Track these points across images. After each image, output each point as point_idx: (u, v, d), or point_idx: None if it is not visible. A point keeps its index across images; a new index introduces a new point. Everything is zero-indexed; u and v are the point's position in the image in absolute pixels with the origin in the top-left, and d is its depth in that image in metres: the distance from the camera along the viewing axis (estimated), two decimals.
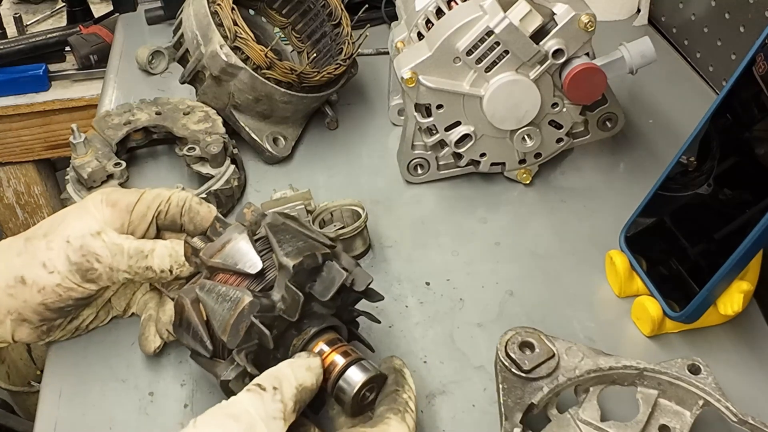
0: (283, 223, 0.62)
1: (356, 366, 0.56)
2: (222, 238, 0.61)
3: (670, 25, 1.12)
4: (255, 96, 0.89)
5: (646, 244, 0.71)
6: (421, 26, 0.83)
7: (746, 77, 0.64)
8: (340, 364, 0.56)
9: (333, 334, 0.59)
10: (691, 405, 0.58)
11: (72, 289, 0.64)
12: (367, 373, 0.56)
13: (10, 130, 1.65)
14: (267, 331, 0.55)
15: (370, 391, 0.56)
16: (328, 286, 0.58)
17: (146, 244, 0.65)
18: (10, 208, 1.76)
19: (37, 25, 1.82)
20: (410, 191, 0.88)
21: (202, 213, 0.69)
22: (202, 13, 0.88)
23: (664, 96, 1.00)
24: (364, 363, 0.56)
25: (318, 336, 0.58)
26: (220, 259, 0.59)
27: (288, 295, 0.56)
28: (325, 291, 0.58)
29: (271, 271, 0.59)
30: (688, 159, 0.68)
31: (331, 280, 0.58)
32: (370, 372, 0.56)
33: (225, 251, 0.60)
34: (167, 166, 0.94)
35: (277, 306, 0.56)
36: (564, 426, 0.57)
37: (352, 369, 0.56)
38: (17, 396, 1.65)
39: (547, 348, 0.60)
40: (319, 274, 0.58)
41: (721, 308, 0.65)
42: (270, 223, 0.61)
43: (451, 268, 0.78)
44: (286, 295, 0.56)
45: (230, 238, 0.60)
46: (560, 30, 0.77)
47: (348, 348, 0.58)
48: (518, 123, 0.81)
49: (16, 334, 0.65)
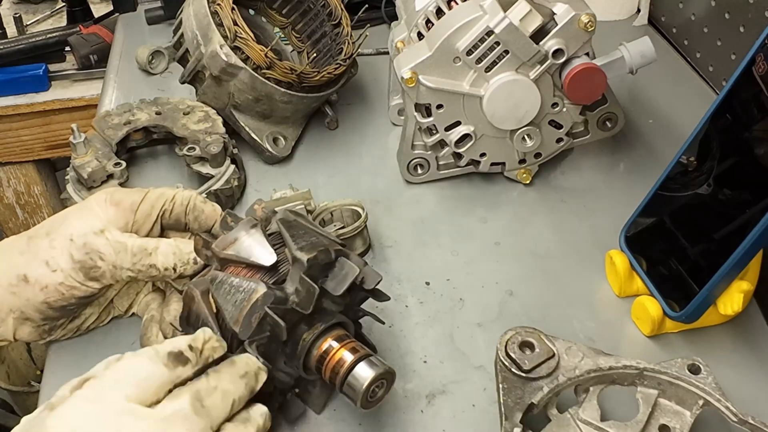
0: (294, 219, 0.62)
1: (365, 362, 0.56)
2: (233, 233, 0.61)
3: (669, 25, 1.12)
4: (255, 96, 0.89)
5: (646, 243, 0.72)
6: (421, 26, 0.83)
7: (746, 77, 0.64)
8: (348, 361, 0.56)
9: (342, 330, 0.59)
10: (691, 405, 0.58)
11: (75, 288, 0.64)
12: (375, 369, 0.56)
13: (10, 130, 1.65)
14: (282, 321, 0.55)
15: (379, 387, 0.56)
16: (340, 281, 0.58)
17: (150, 242, 0.65)
18: (10, 208, 1.76)
19: (37, 25, 1.82)
20: (410, 191, 0.88)
21: (206, 211, 0.69)
22: (202, 13, 0.88)
23: (664, 96, 1.00)
24: (373, 359, 0.57)
25: (327, 332, 0.58)
26: (232, 251, 0.60)
27: (302, 288, 0.56)
28: (338, 286, 0.58)
29: (285, 265, 0.59)
30: (688, 159, 0.68)
31: (344, 276, 0.58)
32: (379, 368, 0.56)
33: (237, 245, 0.60)
34: (167, 166, 0.94)
35: (290, 299, 0.57)
36: (564, 426, 0.58)
37: (361, 365, 0.56)
38: (17, 396, 1.65)
39: (547, 348, 0.60)
40: (331, 269, 0.59)
41: (721, 308, 0.65)
42: (282, 219, 0.62)
43: (451, 267, 0.78)
44: (300, 288, 0.56)
45: (242, 232, 0.61)
46: (560, 30, 0.77)
47: (356, 344, 0.58)
48: (518, 123, 0.81)
49: (17, 333, 0.65)
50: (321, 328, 0.58)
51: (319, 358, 0.57)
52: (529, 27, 0.76)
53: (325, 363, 0.57)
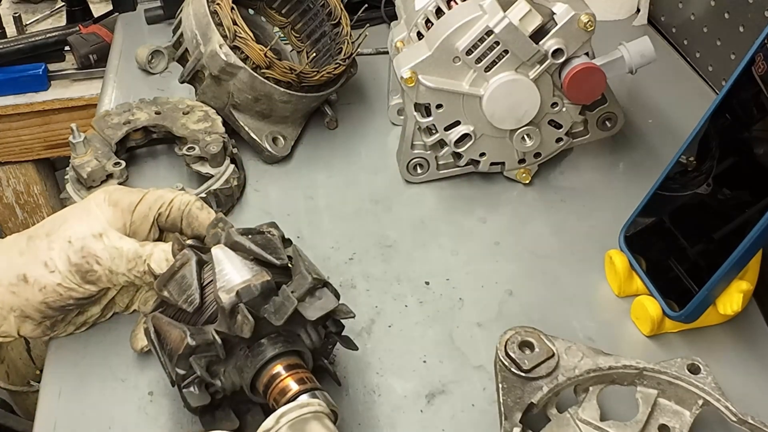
0: (234, 243, 0.61)
1: (308, 395, 0.55)
2: (176, 263, 0.61)
3: (669, 25, 1.12)
4: (254, 95, 0.89)
5: (646, 243, 0.72)
6: (421, 26, 0.83)
7: (746, 77, 0.64)
8: (292, 390, 0.55)
9: (295, 359, 0.58)
10: (690, 404, 0.58)
11: (72, 290, 0.64)
12: None
13: (10, 130, 1.65)
14: (207, 374, 0.56)
15: None
16: (317, 308, 0.57)
17: (145, 248, 0.65)
18: (10, 208, 1.76)
19: (36, 25, 1.81)
20: (410, 191, 0.88)
21: (200, 218, 0.69)
22: (201, 13, 0.88)
23: (664, 96, 1.00)
24: (317, 393, 0.55)
25: (278, 358, 0.57)
26: (167, 291, 0.60)
27: (241, 318, 0.56)
28: (314, 313, 0.57)
29: (213, 306, 0.59)
30: (687, 159, 0.68)
31: (321, 305, 0.58)
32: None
33: (175, 279, 0.60)
34: (167, 165, 0.94)
35: (216, 341, 0.56)
36: (563, 425, 0.58)
37: (303, 397, 0.55)
38: (17, 395, 1.65)
39: (547, 347, 0.60)
40: (271, 297, 0.57)
41: (721, 308, 0.65)
42: (217, 249, 0.61)
43: (450, 267, 0.78)
44: (239, 318, 0.56)
45: (182, 263, 0.60)
46: (560, 29, 0.77)
47: (305, 375, 0.57)
48: (518, 123, 0.81)
49: (21, 330, 0.66)
50: (275, 351, 0.57)
51: (267, 382, 0.57)
52: (528, 27, 0.76)
53: (271, 388, 0.56)
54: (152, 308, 0.62)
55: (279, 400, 0.56)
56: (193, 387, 0.57)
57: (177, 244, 0.63)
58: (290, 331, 0.59)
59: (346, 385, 0.66)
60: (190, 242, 0.64)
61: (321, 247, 0.80)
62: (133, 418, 0.65)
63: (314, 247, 0.78)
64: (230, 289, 0.56)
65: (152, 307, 0.62)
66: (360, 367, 0.68)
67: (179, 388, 0.58)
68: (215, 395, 0.58)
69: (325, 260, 0.78)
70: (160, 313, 0.60)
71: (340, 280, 0.76)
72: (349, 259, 0.79)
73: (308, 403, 0.53)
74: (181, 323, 0.58)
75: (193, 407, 0.57)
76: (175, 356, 0.57)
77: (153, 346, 0.59)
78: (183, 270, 0.60)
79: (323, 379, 0.60)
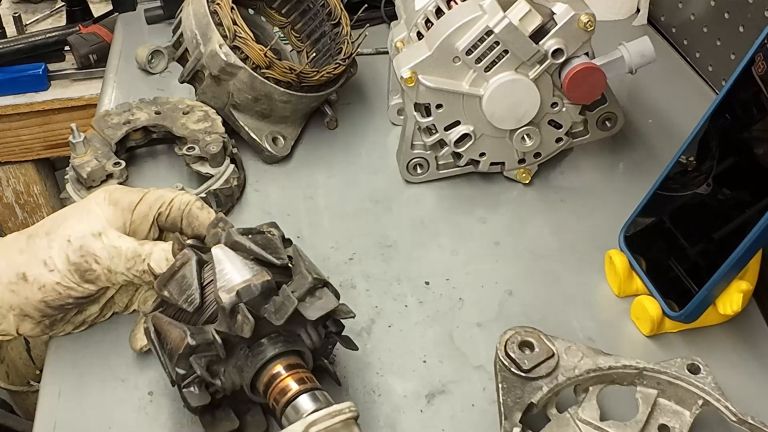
0: (234, 242, 0.61)
1: (308, 395, 0.55)
2: (176, 262, 0.60)
3: (669, 25, 1.12)
4: (254, 95, 0.89)
5: (646, 243, 0.72)
6: (421, 26, 0.83)
7: (745, 77, 0.64)
8: (292, 390, 0.55)
9: (295, 358, 0.58)
10: (690, 404, 0.58)
11: (71, 289, 0.64)
12: (317, 403, 0.54)
13: (10, 130, 1.65)
14: (207, 374, 0.56)
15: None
16: (317, 308, 0.57)
17: (144, 247, 0.65)
18: (10, 208, 1.76)
19: (36, 25, 1.81)
20: (410, 191, 0.88)
21: (201, 218, 0.69)
22: (201, 13, 0.88)
23: (664, 96, 1.00)
24: (318, 394, 0.55)
25: (278, 358, 0.57)
26: (167, 291, 0.59)
27: (241, 318, 0.56)
28: (314, 313, 0.57)
29: (213, 306, 0.59)
30: (687, 159, 0.68)
31: (321, 305, 0.58)
32: (321, 404, 0.54)
33: (175, 279, 0.60)
34: (167, 165, 0.94)
35: (216, 340, 0.56)
36: (563, 425, 0.58)
37: (303, 397, 0.55)
38: (16, 395, 1.65)
39: (547, 347, 0.60)
40: (271, 297, 0.57)
41: (721, 308, 0.65)
42: (217, 249, 0.61)
43: (450, 267, 0.78)
44: (239, 318, 0.56)
45: (182, 263, 0.60)
46: (560, 29, 0.77)
47: (305, 375, 0.57)
48: (518, 122, 0.81)
49: (20, 328, 0.66)
50: (275, 351, 0.57)
51: (267, 382, 0.57)
52: (528, 27, 0.76)
53: (271, 388, 0.56)
54: (152, 308, 0.62)
55: (279, 399, 0.56)
56: (193, 387, 0.57)
57: (177, 243, 0.63)
58: (290, 331, 0.59)
59: (346, 385, 0.66)
60: (190, 242, 0.64)
61: (321, 247, 0.80)
62: (133, 418, 0.65)
63: (314, 247, 0.78)
64: (230, 288, 0.56)
65: (152, 307, 0.62)
66: (360, 367, 0.68)
67: (179, 388, 0.58)
68: (215, 395, 0.58)
69: (325, 260, 0.78)
70: (160, 312, 0.60)
71: (340, 280, 0.76)
72: (349, 259, 0.79)
73: (339, 411, 0.52)
74: (181, 323, 0.58)
75: (193, 407, 0.57)
76: (175, 356, 0.57)
77: (153, 345, 0.59)
78: (183, 270, 0.60)
79: (323, 379, 0.60)
